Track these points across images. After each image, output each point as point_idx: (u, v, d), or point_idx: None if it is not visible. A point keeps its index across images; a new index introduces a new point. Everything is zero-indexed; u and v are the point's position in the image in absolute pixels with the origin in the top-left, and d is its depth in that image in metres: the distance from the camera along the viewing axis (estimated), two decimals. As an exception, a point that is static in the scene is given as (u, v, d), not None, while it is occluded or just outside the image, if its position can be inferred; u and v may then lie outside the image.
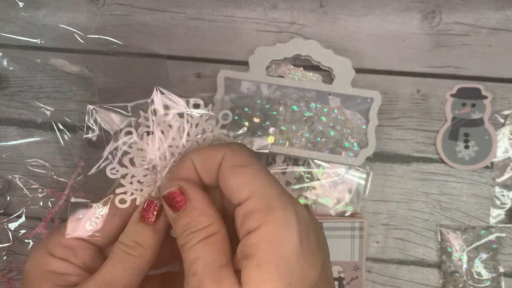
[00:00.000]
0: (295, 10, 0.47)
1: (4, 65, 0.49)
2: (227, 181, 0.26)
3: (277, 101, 0.45)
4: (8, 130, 0.49)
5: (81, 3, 0.49)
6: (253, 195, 0.25)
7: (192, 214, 0.26)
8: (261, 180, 0.25)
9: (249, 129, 0.45)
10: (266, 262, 0.23)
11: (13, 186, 0.49)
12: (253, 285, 0.23)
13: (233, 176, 0.26)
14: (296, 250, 0.23)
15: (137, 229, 0.29)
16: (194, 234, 0.25)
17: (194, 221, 0.26)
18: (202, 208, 0.26)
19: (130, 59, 0.47)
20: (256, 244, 0.23)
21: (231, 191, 0.25)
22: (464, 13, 0.46)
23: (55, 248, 0.29)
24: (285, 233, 0.23)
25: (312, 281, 0.24)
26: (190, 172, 0.27)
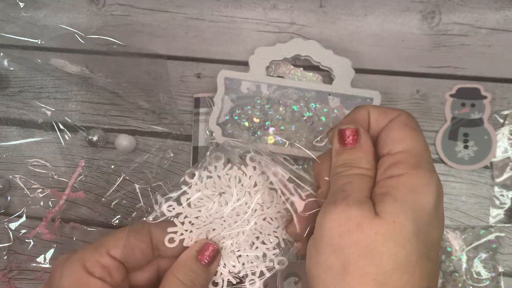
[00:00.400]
0: (295, 11, 0.47)
1: (5, 65, 0.49)
2: (392, 132, 0.28)
3: (277, 101, 0.45)
4: (9, 130, 0.49)
5: (81, 4, 0.49)
6: (407, 151, 0.27)
7: (357, 154, 0.28)
8: (420, 144, 0.27)
9: (249, 129, 0.45)
10: (403, 200, 0.25)
11: (13, 186, 0.49)
12: (388, 214, 0.24)
13: (399, 130, 0.28)
14: (429, 207, 0.25)
15: (194, 269, 0.30)
16: (354, 168, 0.28)
17: (357, 160, 0.28)
18: (367, 153, 0.28)
19: (130, 59, 0.47)
20: (396, 186, 0.26)
21: (390, 141, 0.28)
22: (464, 13, 0.46)
23: (94, 267, 0.29)
24: (424, 189, 0.25)
25: (434, 241, 0.26)
26: (364, 120, 0.30)
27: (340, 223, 0.25)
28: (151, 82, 0.48)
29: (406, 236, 0.24)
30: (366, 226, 0.24)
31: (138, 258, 0.31)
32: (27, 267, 0.47)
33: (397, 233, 0.24)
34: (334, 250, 0.25)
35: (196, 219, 0.33)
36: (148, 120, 0.48)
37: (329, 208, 0.26)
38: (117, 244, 0.30)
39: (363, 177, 0.27)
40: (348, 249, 0.24)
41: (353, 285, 0.24)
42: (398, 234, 0.24)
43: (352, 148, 0.28)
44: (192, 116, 0.47)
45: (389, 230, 0.24)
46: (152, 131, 0.48)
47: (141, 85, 0.48)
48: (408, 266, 0.24)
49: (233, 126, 0.45)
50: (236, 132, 0.44)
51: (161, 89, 0.48)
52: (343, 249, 0.25)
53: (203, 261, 0.31)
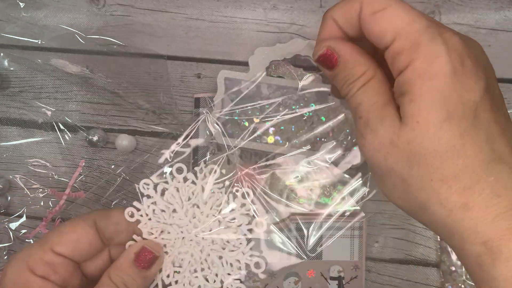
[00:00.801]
0: (295, 11, 0.47)
1: (5, 65, 0.49)
2: (370, 30, 0.26)
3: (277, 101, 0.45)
4: (9, 130, 0.49)
5: (81, 4, 0.49)
6: (397, 36, 0.24)
7: (346, 67, 0.26)
8: (403, 18, 0.24)
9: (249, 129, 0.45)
10: (419, 95, 0.23)
11: (14, 186, 0.49)
12: (409, 118, 0.24)
13: (374, 23, 0.25)
14: (449, 79, 0.23)
15: (130, 273, 0.30)
16: (353, 83, 0.26)
17: (349, 73, 0.26)
18: (353, 59, 0.26)
19: (131, 59, 0.47)
20: (408, 81, 0.24)
21: (376, 38, 0.25)
22: (463, 13, 0.46)
23: (37, 265, 0.29)
24: (435, 65, 0.23)
25: (473, 104, 0.24)
26: (334, 30, 0.28)
27: (377, 150, 0.25)
28: (151, 82, 0.48)
29: (434, 130, 0.23)
30: (397, 140, 0.24)
31: (85, 250, 0.30)
32: (27, 267, 0.47)
33: (426, 132, 0.23)
34: (387, 172, 0.25)
35: (160, 212, 0.33)
36: (148, 120, 0.48)
37: (361, 142, 0.26)
38: (61, 240, 0.30)
39: (368, 87, 0.26)
40: (396, 166, 0.24)
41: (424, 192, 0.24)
42: (427, 132, 0.23)
43: (338, 65, 0.27)
44: (192, 116, 0.48)
45: (418, 133, 0.23)
46: (152, 131, 0.48)
47: (141, 85, 0.48)
48: (456, 147, 0.23)
49: (233, 126, 0.45)
50: (236, 132, 0.44)
51: (161, 89, 0.48)
52: (392, 169, 0.24)
53: (139, 266, 0.30)
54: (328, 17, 0.28)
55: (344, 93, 0.27)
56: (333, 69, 0.27)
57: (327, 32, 0.28)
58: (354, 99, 0.26)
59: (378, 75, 0.26)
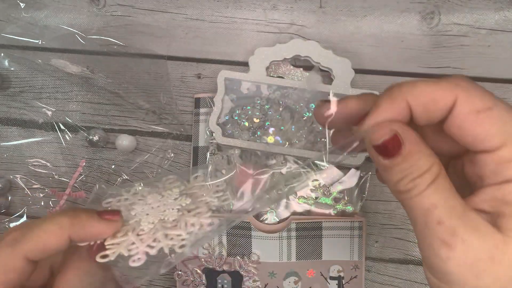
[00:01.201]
0: (294, 11, 0.47)
1: (6, 66, 0.49)
2: (469, 129, 0.22)
3: (277, 102, 0.45)
4: (10, 130, 0.50)
5: (82, 4, 0.49)
6: (508, 142, 0.21)
7: (411, 158, 0.22)
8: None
9: (249, 129, 0.45)
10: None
11: (14, 186, 0.49)
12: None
13: (476, 123, 0.22)
14: None
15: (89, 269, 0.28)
16: (419, 179, 0.22)
17: (414, 164, 0.22)
18: (419, 149, 0.23)
19: (131, 59, 0.48)
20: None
21: (476, 139, 0.22)
22: (463, 14, 0.46)
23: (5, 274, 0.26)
24: None
25: None
26: (401, 112, 0.23)
27: (469, 266, 0.21)
28: (152, 82, 0.48)
29: None
30: (502, 257, 0.20)
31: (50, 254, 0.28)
32: (27, 267, 0.47)
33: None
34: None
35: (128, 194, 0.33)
36: (148, 120, 0.48)
37: (446, 254, 0.21)
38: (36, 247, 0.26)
39: (440, 184, 0.22)
40: (493, 286, 0.21)
41: None
42: None
43: (401, 155, 0.22)
44: (192, 116, 0.48)
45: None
46: (152, 131, 0.48)
47: (141, 86, 0.48)
48: None
49: (233, 126, 0.45)
50: (236, 132, 0.45)
51: (161, 89, 0.48)
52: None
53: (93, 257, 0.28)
54: (401, 97, 0.23)
55: (403, 188, 0.23)
56: (393, 158, 0.23)
57: (393, 114, 0.23)
58: (424, 199, 0.22)
59: (443, 170, 0.23)
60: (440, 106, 0.22)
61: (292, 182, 0.39)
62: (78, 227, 0.28)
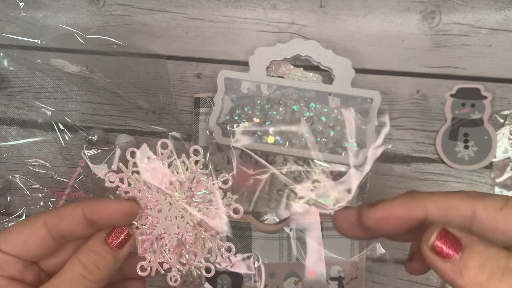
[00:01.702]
0: (295, 11, 0.47)
1: (5, 65, 0.49)
2: (501, 225, 0.23)
3: (277, 101, 0.45)
4: (9, 130, 0.49)
5: (81, 4, 0.49)
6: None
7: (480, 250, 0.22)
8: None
9: (249, 129, 0.45)
10: None
11: (13, 186, 0.49)
12: None
13: (506, 217, 0.23)
14: None
15: (100, 251, 0.29)
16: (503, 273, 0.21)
17: (491, 254, 0.21)
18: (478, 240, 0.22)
19: (131, 59, 0.47)
20: None
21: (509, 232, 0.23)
22: (464, 13, 0.46)
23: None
24: None
25: None
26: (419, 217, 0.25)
27: None
28: (151, 82, 0.48)
29: None
30: None
31: (33, 250, 0.29)
32: (27, 267, 0.47)
33: None
34: None
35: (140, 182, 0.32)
36: (148, 120, 0.48)
37: None
38: (8, 240, 0.29)
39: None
40: None
41: None
42: None
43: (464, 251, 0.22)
44: (192, 116, 0.47)
45: None
46: (152, 131, 0.48)
47: (141, 85, 0.48)
48: None
49: (233, 126, 0.45)
50: (236, 132, 0.44)
51: (161, 89, 0.48)
52: None
53: (112, 243, 0.29)
54: (420, 202, 0.24)
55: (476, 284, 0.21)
56: (451, 259, 0.22)
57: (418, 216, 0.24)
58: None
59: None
60: (460, 213, 0.24)
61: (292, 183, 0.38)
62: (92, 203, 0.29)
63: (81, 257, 0.28)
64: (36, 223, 0.29)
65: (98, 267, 0.28)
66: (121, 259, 0.30)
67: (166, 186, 0.32)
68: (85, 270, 0.28)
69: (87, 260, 0.28)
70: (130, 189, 0.32)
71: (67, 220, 0.29)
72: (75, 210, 0.29)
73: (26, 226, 0.29)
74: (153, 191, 0.32)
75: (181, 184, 0.32)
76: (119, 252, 0.30)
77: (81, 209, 0.29)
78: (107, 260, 0.29)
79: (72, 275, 0.27)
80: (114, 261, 0.29)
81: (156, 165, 0.32)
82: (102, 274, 0.28)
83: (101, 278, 0.28)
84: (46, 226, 0.29)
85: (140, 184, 0.32)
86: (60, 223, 0.29)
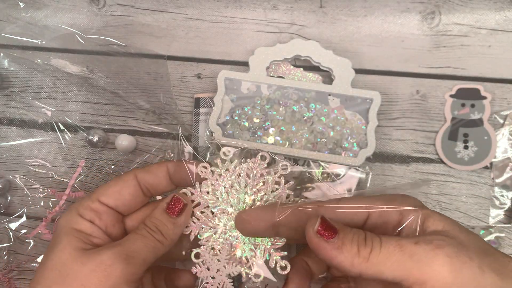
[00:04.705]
0: (295, 11, 0.47)
1: (5, 66, 0.49)
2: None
3: (277, 102, 0.45)
4: (9, 130, 0.49)
5: (81, 4, 0.49)
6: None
7: (348, 230, 0.30)
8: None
9: (249, 130, 0.45)
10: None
11: (14, 186, 0.49)
12: None
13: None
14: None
15: (161, 218, 0.34)
16: (369, 236, 0.29)
17: (355, 233, 0.29)
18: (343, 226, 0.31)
19: (131, 59, 0.47)
20: None
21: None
22: (464, 14, 0.46)
23: (84, 211, 0.34)
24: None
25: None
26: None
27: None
28: (152, 82, 0.48)
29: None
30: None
31: (127, 201, 0.36)
32: (27, 267, 0.47)
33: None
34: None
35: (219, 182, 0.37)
36: (148, 120, 0.48)
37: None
38: (106, 192, 0.35)
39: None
40: None
41: None
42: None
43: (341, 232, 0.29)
44: (192, 116, 0.48)
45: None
46: (152, 131, 0.48)
47: (141, 86, 0.48)
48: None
49: (233, 126, 0.45)
50: (236, 132, 0.44)
51: (161, 89, 0.48)
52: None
53: (170, 213, 0.35)
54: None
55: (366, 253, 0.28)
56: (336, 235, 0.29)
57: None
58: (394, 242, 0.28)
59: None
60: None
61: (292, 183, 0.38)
62: (176, 163, 0.37)
63: (146, 222, 0.34)
64: (128, 177, 0.36)
65: (160, 230, 0.34)
66: (180, 226, 0.35)
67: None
68: (150, 230, 0.33)
69: (150, 224, 0.34)
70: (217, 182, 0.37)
71: (154, 174, 0.36)
72: (161, 166, 0.37)
73: (120, 179, 0.36)
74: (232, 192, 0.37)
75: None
76: (177, 220, 0.35)
77: (165, 165, 0.37)
78: (166, 226, 0.34)
79: (141, 232, 0.33)
80: (173, 227, 0.34)
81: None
82: (163, 237, 0.34)
83: (162, 239, 0.34)
84: (136, 179, 0.36)
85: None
86: (148, 177, 0.36)
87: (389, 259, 0.27)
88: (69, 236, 0.33)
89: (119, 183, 0.36)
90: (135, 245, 0.32)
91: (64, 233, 0.33)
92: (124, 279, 0.31)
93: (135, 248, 0.32)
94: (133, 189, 0.36)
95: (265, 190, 0.36)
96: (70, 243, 0.32)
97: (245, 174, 0.36)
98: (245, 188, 0.36)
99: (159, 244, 0.33)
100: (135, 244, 0.33)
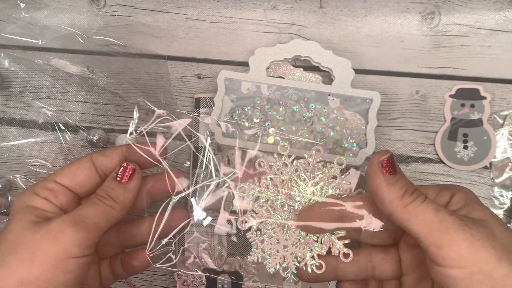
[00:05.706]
0: (295, 11, 0.47)
1: (6, 66, 0.49)
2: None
3: (277, 102, 0.45)
4: (10, 130, 0.50)
5: (82, 4, 0.49)
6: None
7: (404, 177, 0.31)
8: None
9: (249, 130, 0.45)
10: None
11: (14, 186, 0.49)
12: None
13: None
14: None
15: (111, 186, 0.36)
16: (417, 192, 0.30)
17: (408, 182, 0.31)
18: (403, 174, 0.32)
19: (131, 59, 0.48)
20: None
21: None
22: (463, 14, 0.46)
23: (40, 190, 0.35)
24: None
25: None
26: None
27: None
28: (152, 82, 0.48)
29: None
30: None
31: (81, 181, 0.36)
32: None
33: None
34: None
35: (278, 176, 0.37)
36: (148, 121, 0.48)
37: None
38: (61, 172, 0.36)
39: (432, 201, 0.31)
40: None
41: None
42: None
43: (398, 174, 0.32)
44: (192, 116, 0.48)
45: None
46: (152, 131, 0.48)
47: (141, 86, 0.48)
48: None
49: (233, 127, 0.45)
50: (236, 132, 0.45)
51: (161, 89, 0.48)
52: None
53: (121, 179, 0.36)
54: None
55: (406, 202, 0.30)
56: (394, 174, 0.31)
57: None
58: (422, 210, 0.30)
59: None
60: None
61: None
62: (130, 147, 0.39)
63: (97, 191, 0.36)
64: (84, 159, 0.37)
65: (110, 196, 0.35)
66: (130, 190, 0.36)
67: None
68: (101, 197, 0.35)
69: (101, 192, 0.35)
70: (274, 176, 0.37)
71: (109, 157, 0.38)
72: (116, 149, 0.38)
73: (76, 161, 0.37)
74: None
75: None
76: (127, 184, 0.36)
77: (120, 149, 0.38)
78: (116, 191, 0.36)
79: (92, 200, 0.35)
80: (124, 192, 0.36)
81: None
82: (114, 202, 0.35)
83: (114, 205, 0.35)
84: (91, 161, 0.37)
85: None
86: (103, 159, 0.37)
87: (422, 215, 0.29)
88: (23, 212, 0.33)
89: (74, 165, 0.37)
90: (85, 211, 0.33)
91: (18, 211, 0.34)
92: (75, 242, 0.31)
93: (85, 213, 0.33)
94: (88, 170, 0.37)
95: (324, 181, 0.37)
96: (24, 218, 0.33)
97: (302, 167, 0.37)
98: (304, 181, 0.37)
99: (110, 209, 0.34)
100: (85, 210, 0.34)
